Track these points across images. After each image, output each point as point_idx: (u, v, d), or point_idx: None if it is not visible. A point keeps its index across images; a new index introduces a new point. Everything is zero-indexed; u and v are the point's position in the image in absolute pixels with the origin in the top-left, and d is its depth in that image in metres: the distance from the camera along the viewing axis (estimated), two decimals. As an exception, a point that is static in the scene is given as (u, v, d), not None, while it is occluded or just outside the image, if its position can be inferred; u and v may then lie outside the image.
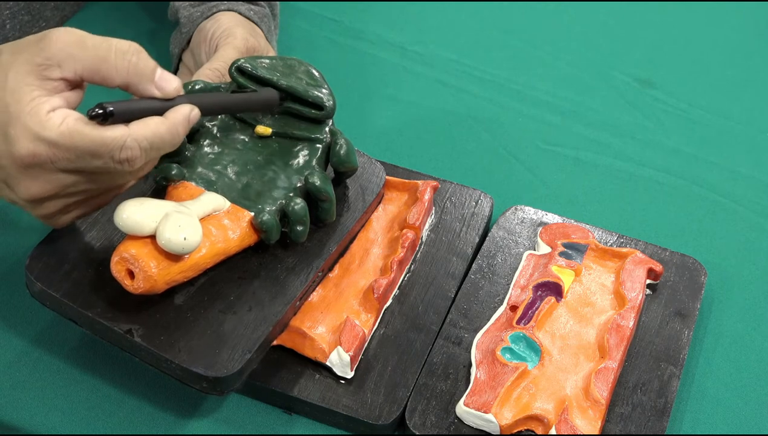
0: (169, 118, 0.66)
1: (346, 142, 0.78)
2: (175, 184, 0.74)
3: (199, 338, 0.68)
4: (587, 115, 1.03)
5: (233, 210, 0.73)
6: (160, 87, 0.66)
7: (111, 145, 0.63)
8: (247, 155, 0.77)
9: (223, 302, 0.71)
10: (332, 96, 0.78)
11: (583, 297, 0.80)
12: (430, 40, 1.11)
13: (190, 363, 0.66)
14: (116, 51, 0.65)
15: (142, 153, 0.64)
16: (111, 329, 0.68)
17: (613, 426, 0.72)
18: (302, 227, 0.75)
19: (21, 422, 0.72)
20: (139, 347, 0.67)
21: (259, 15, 0.94)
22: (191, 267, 0.69)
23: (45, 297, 0.70)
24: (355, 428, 0.72)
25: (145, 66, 0.65)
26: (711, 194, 0.95)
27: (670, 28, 1.17)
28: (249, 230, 0.73)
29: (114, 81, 0.65)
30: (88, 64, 0.64)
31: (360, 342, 0.74)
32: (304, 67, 0.80)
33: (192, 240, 0.67)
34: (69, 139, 0.62)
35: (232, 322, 0.70)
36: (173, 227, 0.66)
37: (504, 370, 0.73)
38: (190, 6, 0.94)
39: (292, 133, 0.78)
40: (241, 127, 0.78)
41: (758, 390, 0.78)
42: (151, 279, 0.67)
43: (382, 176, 0.83)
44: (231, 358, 0.67)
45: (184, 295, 0.71)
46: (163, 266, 0.67)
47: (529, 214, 0.88)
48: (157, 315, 0.69)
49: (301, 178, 0.76)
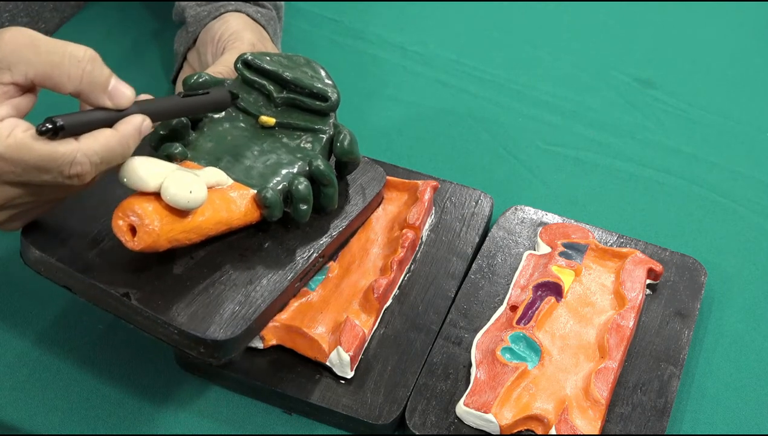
0: (119, 131, 0.63)
1: (349, 133, 0.79)
2: (178, 162, 0.73)
3: (198, 304, 0.68)
4: (587, 115, 1.03)
5: (237, 186, 0.73)
6: (113, 98, 0.63)
7: (60, 161, 0.61)
8: (251, 142, 0.77)
9: (223, 275, 0.71)
10: (336, 89, 0.79)
11: (583, 297, 0.80)
12: (430, 40, 1.11)
13: (188, 326, 0.66)
14: (70, 57, 0.62)
15: (92, 168, 0.62)
16: (107, 293, 0.67)
17: (613, 426, 0.72)
18: (306, 205, 0.75)
19: (21, 422, 0.72)
20: (135, 310, 0.67)
21: (266, 18, 0.94)
22: (194, 229, 0.69)
23: (40, 263, 0.69)
24: (355, 428, 0.72)
25: (99, 74, 0.63)
26: (711, 194, 0.95)
27: (670, 28, 1.17)
28: (252, 206, 0.73)
29: (66, 88, 0.62)
30: (40, 69, 0.62)
31: (360, 342, 0.74)
32: (309, 62, 0.80)
33: (197, 195, 0.66)
34: (16, 153, 0.60)
35: (231, 292, 0.69)
36: (179, 181, 0.66)
37: (504, 370, 0.73)
38: (197, 5, 0.94)
39: (296, 124, 0.78)
40: (245, 118, 0.79)
41: (758, 390, 0.78)
42: (153, 234, 0.66)
43: (383, 177, 0.83)
44: (230, 324, 0.67)
45: (184, 266, 0.70)
46: (166, 222, 0.66)
47: (529, 214, 0.88)
48: (155, 281, 0.68)
49: (304, 163, 0.76)
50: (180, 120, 0.75)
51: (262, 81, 0.79)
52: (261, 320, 0.70)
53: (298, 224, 0.76)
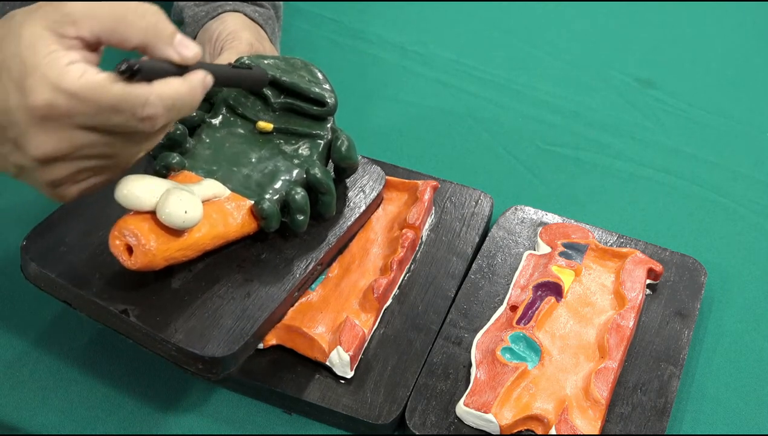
0: (188, 80, 0.64)
1: (347, 138, 0.79)
2: (176, 172, 0.74)
3: (196, 320, 0.68)
4: (587, 115, 1.03)
5: (234, 198, 0.73)
6: (180, 51, 0.63)
7: (134, 102, 0.61)
8: (248, 149, 0.77)
9: (221, 287, 0.71)
10: (334, 94, 0.79)
11: (583, 297, 0.80)
12: (430, 40, 1.11)
13: (186, 343, 0.66)
14: (135, 10, 0.62)
15: (164, 112, 0.62)
16: (106, 309, 0.67)
17: (613, 426, 0.72)
18: (303, 216, 0.75)
19: (21, 422, 0.72)
20: (134, 326, 0.67)
21: (264, 17, 0.94)
22: (190, 246, 0.69)
23: (40, 278, 0.70)
24: (355, 427, 0.72)
25: (165, 27, 0.63)
26: (711, 194, 0.95)
27: (670, 28, 1.17)
28: (249, 217, 0.73)
29: (131, 41, 0.63)
30: (105, 23, 0.62)
31: (360, 342, 0.74)
32: (307, 66, 0.80)
33: (192, 215, 0.67)
34: (90, 92, 0.60)
35: (229, 306, 0.70)
36: (174, 201, 0.66)
37: (504, 370, 0.73)
38: (195, 5, 0.94)
39: (293, 130, 0.78)
40: (243, 123, 0.79)
41: (758, 390, 0.78)
42: (149, 254, 0.66)
43: (382, 179, 0.83)
44: (228, 340, 0.67)
45: (181, 280, 0.71)
46: (162, 241, 0.67)
47: (529, 214, 0.88)
48: (153, 297, 0.69)
49: (302, 170, 0.76)
50: (178, 127, 0.75)
51: None
52: (259, 333, 0.70)
53: (296, 233, 0.76)
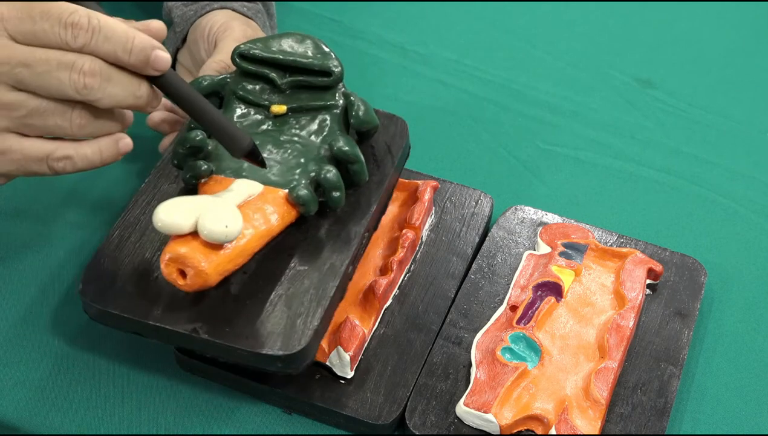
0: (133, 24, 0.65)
1: (362, 102, 0.78)
2: (205, 180, 0.74)
3: (263, 320, 0.68)
4: (587, 115, 1.03)
5: (267, 191, 0.73)
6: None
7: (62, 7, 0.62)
8: (269, 136, 0.77)
9: (278, 281, 0.71)
10: (338, 60, 0.78)
11: (583, 297, 0.80)
12: (430, 40, 1.11)
13: (261, 348, 0.66)
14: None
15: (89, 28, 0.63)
16: (176, 332, 0.68)
17: (613, 426, 0.72)
18: (339, 192, 0.74)
19: (21, 422, 0.72)
20: (206, 343, 0.67)
21: (252, 11, 0.94)
22: (239, 254, 0.69)
23: (105, 317, 0.70)
24: (355, 428, 0.72)
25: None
26: (711, 194, 0.95)
27: (670, 28, 1.17)
28: (287, 207, 0.73)
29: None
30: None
31: (360, 342, 0.74)
32: (304, 39, 0.80)
33: (233, 227, 0.67)
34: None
35: (291, 299, 0.69)
36: (213, 217, 0.66)
37: (504, 370, 0.73)
38: (183, 5, 0.94)
39: (306, 106, 0.78)
40: (257, 111, 0.78)
41: (758, 390, 0.78)
42: (203, 274, 0.66)
43: (405, 128, 0.82)
44: (298, 333, 0.67)
45: (239, 284, 0.71)
46: (212, 259, 0.67)
47: (529, 214, 0.88)
48: (217, 309, 0.69)
49: (326, 146, 0.76)
50: (197, 133, 0.74)
51: (263, 70, 0.79)
52: (326, 318, 0.70)
53: (335, 208, 0.75)
